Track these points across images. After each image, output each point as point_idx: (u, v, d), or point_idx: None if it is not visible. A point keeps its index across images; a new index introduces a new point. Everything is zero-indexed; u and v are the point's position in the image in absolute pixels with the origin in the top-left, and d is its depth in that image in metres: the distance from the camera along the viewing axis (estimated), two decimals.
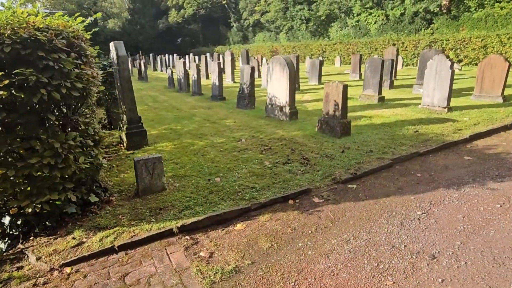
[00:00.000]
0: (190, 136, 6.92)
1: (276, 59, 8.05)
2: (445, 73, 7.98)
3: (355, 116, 8.11)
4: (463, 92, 11.47)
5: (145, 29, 57.90)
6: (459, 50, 21.96)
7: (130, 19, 60.52)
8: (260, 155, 5.55)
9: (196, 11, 52.78)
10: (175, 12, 51.54)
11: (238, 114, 9.04)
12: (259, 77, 18.69)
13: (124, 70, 6.00)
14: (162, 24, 58.30)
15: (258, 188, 4.33)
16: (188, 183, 4.54)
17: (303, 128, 7.20)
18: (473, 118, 7.48)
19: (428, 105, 8.48)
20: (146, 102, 12.00)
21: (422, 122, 7.29)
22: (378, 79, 9.74)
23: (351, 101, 10.14)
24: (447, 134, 6.40)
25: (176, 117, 8.95)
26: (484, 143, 6.14)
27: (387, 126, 7.06)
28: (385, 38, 26.71)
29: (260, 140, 6.41)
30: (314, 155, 5.48)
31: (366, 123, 7.39)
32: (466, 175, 4.78)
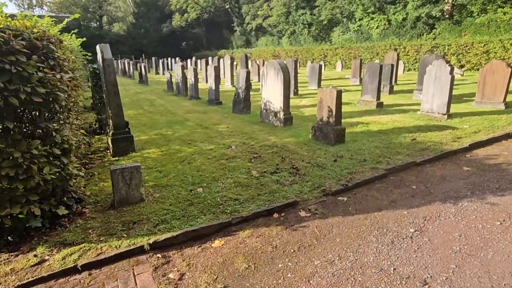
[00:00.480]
0: (180, 142, 6.65)
1: (271, 64, 7.77)
2: (444, 78, 7.67)
3: (351, 122, 7.81)
4: (464, 98, 11.13)
5: (149, 33, 57.96)
6: (461, 55, 21.60)
7: (135, 23, 60.65)
8: (249, 164, 5.26)
9: (200, 15, 52.78)
10: (179, 16, 51.56)
11: (232, 119, 8.76)
12: (259, 81, 18.43)
13: (110, 73, 5.75)
14: (166, 28, 58.37)
15: (242, 200, 4.04)
16: (169, 194, 4.25)
17: (296, 134, 6.90)
18: (473, 126, 7.15)
19: (427, 112, 8.16)
20: (142, 106, 11.76)
21: (420, 129, 6.97)
22: (377, 85, 9.44)
23: (349, 107, 9.85)
24: (445, 143, 6.08)
25: (169, 122, 8.69)
26: (485, 153, 5.81)
27: (383, 134, 6.75)
28: (387, 43, 26.40)
29: (251, 147, 6.13)
30: (304, 164, 5.18)
31: (362, 130, 7.08)
32: (464, 187, 4.46)
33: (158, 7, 60.45)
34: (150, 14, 58.85)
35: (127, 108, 11.47)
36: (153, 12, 59.15)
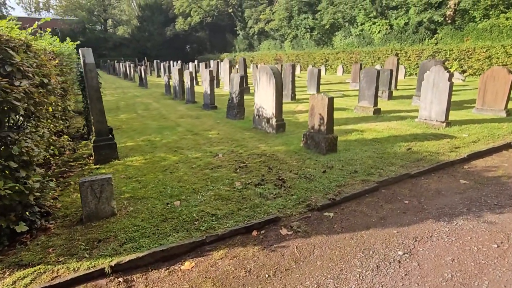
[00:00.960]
0: (166, 149, 6.37)
1: (263, 69, 7.49)
2: (443, 85, 7.34)
3: (346, 129, 7.50)
4: (465, 104, 10.78)
5: (153, 36, 58.03)
6: (463, 61, 21.20)
7: (139, 26, 60.77)
8: (233, 174, 4.96)
9: (203, 19, 52.69)
10: (182, 20, 51.53)
11: (225, 125, 8.47)
12: None
13: (92, 78, 5.49)
14: (169, 31, 58.41)
15: (220, 216, 3.74)
16: (144, 207, 3.96)
17: (288, 142, 6.60)
18: (473, 135, 6.81)
19: (425, 119, 7.83)
20: (137, 110, 11.51)
21: (417, 138, 6.63)
22: (374, 90, 9.12)
23: (345, 113, 9.54)
24: (442, 153, 5.75)
25: (159, 127, 8.42)
26: (484, 164, 5.47)
27: (378, 142, 6.43)
28: (388, 48, 26.06)
29: (238, 156, 5.83)
30: (292, 175, 4.87)
31: (356, 138, 6.77)
32: (460, 203, 4.13)
33: (162, 11, 60.56)
34: (154, 18, 58.93)
35: (121, 112, 11.24)
36: (157, 15, 59.24)
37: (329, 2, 36.12)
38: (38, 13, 78.18)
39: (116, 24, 67.08)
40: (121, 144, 6.79)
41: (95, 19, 59.76)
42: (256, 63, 39.84)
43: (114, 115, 10.54)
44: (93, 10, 59.54)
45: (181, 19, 51.65)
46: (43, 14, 75.92)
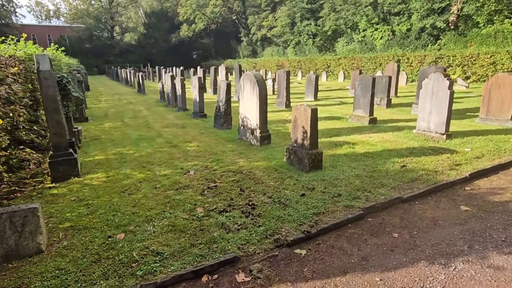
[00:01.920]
0: (135, 164, 5.69)
1: (247, 76, 6.80)
2: (442, 94, 6.58)
3: (337, 142, 6.76)
4: (468, 113, 9.98)
5: (159, 43, 57.90)
6: (466, 67, 20.33)
7: (145, 33, 60.73)
8: (199, 197, 4.26)
9: (207, 26, 52.39)
10: (186, 27, 51.28)
11: (208, 136, 7.79)
12: None
13: (48, 87, 4.84)
14: (175, 38, 58.23)
15: (167, 255, 3.03)
16: (80, 242, 3.28)
17: (271, 156, 5.88)
18: (476, 149, 6.03)
19: (424, 130, 7.06)
20: (124, 118, 10.88)
21: (413, 153, 5.87)
22: (369, 99, 8.37)
23: (340, 122, 8.80)
24: (441, 171, 4.98)
25: (139, 138, 7.77)
26: (489, 185, 4.70)
27: (370, 157, 5.68)
28: (390, 54, 25.26)
29: (212, 173, 5.13)
30: (265, 199, 4.15)
31: (346, 152, 6.02)
32: (460, 238, 3.38)
33: (168, 18, 60.47)
34: (160, 25, 58.84)
35: (108, 120, 10.63)
36: (162, 22, 59.14)
37: (331, 9, 35.47)
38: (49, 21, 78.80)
39: (123, 31, 67.19)
40: (89, 158, 6.14)
41: (102, 26, 59.83)
42: (259, 69, 39.28)
43: (99, 123, 9.93)
44: (100, 18, 59.63)
45: (185, 26, 51.40)
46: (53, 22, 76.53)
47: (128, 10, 66.40)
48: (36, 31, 58.15)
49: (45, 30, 59.98)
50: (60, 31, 57.29)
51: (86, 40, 55.65)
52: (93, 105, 14.78)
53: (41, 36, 58.09)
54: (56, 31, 58.08)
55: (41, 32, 58.70)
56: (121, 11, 64.82)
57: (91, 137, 8.11)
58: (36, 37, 57.87)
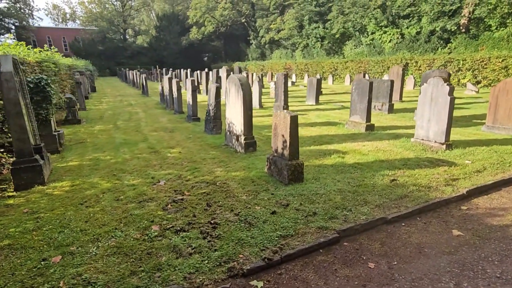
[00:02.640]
0: (106, 172, 5.30)
1: (231, 80, 6.36)
2: (442, 100, 6.01)
3: (327, 150, 6.25)
4: (475, 120, 9.31)
5: (170, 45, 58.03)
6: (477, 71, 19.46)
7: (157, 36, 60.97)
8: (159, 212, 3.82)
9: (216, 29, 52.20)
10: (196, 29, 51.21)
11: (194, 141, 7.37)
12: None
13: (10, 90, 4.49)
14: (185, 40, 58.28)
15: (99, 286, 2.60)
16: (10, 265, 2.87)
17: (252, 166, 5.41)
18: (478, 161, 5.43)
19: (422, 139, 6.49)
20: (117, 121, 10.57)
21: (407, 164, 5.32)
22: (366, 104, 7.82)
23: (335, 129, 8.28)
24: (435, 187, 4.43)
25: (123, 142, 7.40)
26: (488, 204, 4.13)
27: (358, 169, 5.16)
28: (398, 57, 24.50)
29: (183, 184, 4.69)
30: (231, 216, 3.69)
31: (334, 162, 5.51)
32: (447, 271, 2.85)
33: (179, 21, 60.59)
34: (171, 28, 58.99)
35: (102, 122, 10.33)
36: (174, 25, 59.28)
37: (339, 12, 34.81)
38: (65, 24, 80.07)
39: (136, 34, 67.71)
40: (63, 164, 5.78)
41: (115, 28, 60.35)
42: (267, 71, 38.81)
43: (90, 126, 9.63)
44: (113, 21, 60.18)
45: (195, 28, 51.34)
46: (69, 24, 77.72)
47: (140, 13, 66.91)
48: (51, 33, 59.06)
49: (60, 32, 60.84)
50: (74, 34, 57.98)
51: (99, 42, 56.16)
52: (93, 107, 14.57)
53: (56, 38, 58.93)
54: (71, 34, 58.82)
55: (56, 34, 59.56)
56: (133, 14, 65.35)
57: (76, 140, 7.79)
58: (52, 39, 58.78)
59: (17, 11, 53.90)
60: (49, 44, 59.85)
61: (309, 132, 8.03)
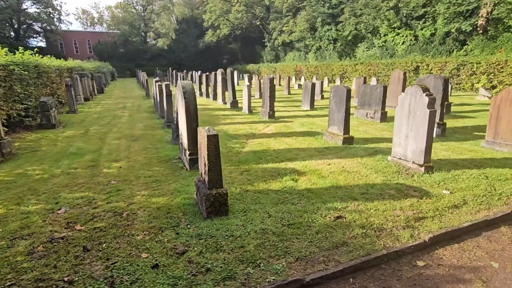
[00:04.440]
0: (14, 193, 4.47)
1: (178, 87, 5.43)
2: (421, 113, 4.82)
3: (283, 170, 5.20)
4: (476, 132, 7.95)
5: (187, 48, 57.91)
6: (492, 75, 17.60)
7: (176, 39, 61.04)
8: (19, 258, 2.92)
9: (232, 32, 51.49)
10: (211, 32, 50.72)
11: (148, 153, 6.50)
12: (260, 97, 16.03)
13: None
14: (202, 43, 57.98)
15: None
16: None
17: (184, 189, 4.46)
18: (459, 191, 4.24)
19: (400, 158, 5.31)
20: (93, 126, 9.86)
21: (367, 193, 4.20)
22: (343, 114, 6.68)
23: (310, 140, 7.19)
24: (389, 230, 3.32)
25: (72, 153, 6.62)
26: (456, 259, 2.99)
27: (305, 198, 4.10)
28: (408, 59, 22.80)
29: (85, 214, 3.79)
30: (99, 270, 2.74)
31: (282, 188, 4.46)
32: None
33: (197, 24, 60.37)
34: (190, 31, 58.84)
35: (76, 128, 9.66)
36: (192, 28, 59.11)
37: (351, 13, 33.18)
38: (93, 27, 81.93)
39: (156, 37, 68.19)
40: None
41: (136, 32, 60.89)
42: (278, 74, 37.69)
43: (61, 132, 8.97)
44: (134, 24, 60.75)
45: (210, 31, 50.86)
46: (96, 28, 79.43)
47: (161, 17, 67.23)
48: (77, 36, 60.36)
49: (85, 35, 62.09)
50: (98, 37, 58.91)
51: (121, 45, 56.80)
52: (87, 109, 14.05)
53: (81, 41, 60.23)
54: (95, 37, 59.84)
55: (82, 37, 60.83)
56: (154, 18, 65.77)
57: (32, 148, 7.11)
58: (77, 42, 60.15)
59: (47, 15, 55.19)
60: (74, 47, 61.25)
61: (279, 144, 6.98)
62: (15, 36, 48.56)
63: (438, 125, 7.60)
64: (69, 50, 58.20)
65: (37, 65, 10.65)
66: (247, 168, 5.31)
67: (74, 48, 59.92)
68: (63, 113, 12.42)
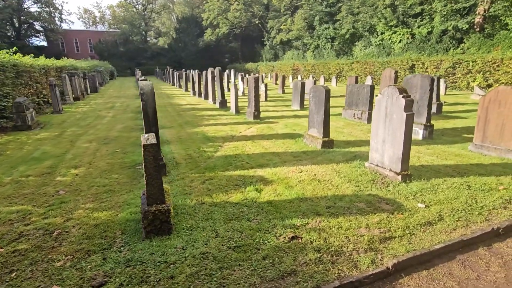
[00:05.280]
0: None
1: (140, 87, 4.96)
2: (397, 117, 4.33)
3: (250, 178, 4.72)
4: (466, 134, 7.44)
5: (188, 47, 57.34)
6: (488, 73, 17.01)
7: (176, 38, 60.48)
8: None
9: (231, 30, 50.87)
10: (210, 31, 50.13)
11: (114, 158, 6.03)
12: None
13: None
14: (202, 42, 57.40)
15: None
16: None
17: (134, 201, 4.00)
18: (436, 204, 3.74)
19: (377, 165, 4.82)
20: (71, 127, 9.38)
21: (334, 207, 3.71)
22: (322, 116, 6.18)
23: (290, 143, 6.72)
24: (348, 254, 2.84)
25: (34, 157, 6.14)
26: None
27: (264, 212, 3.62)
28: (404, 58, 22.20)
29: (13, 232, 3.32)
30: None
31: (242, 199, 3.99)
32: None
33: (197, 24, 59.77)
34: (190, 30, 58.23)
35: (54, 129, 9.20)
36: (192, 27, 58.50)
37: (348, 11, 32.52)
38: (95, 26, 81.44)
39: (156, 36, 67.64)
40: None
41: (136, 31, 60.35)
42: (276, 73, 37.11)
43: (36, 133, 8.51)
44: (135, 23, 60.21)
45: (209, 30, 50.27)
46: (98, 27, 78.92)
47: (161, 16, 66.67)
48: (78, 36, 59.90)
49: (86, 35, 61.64)
50: (99, 36, 58.45)
51: (121, 44, 56.31)
52: (73, 109, 13.59)
53: (82, 40, 59.77)
54: (96, 36, 59.38)
55: (83, 37, 60.38)
56: (154, 17, 65.20)
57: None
58: (78, 41, 59.70)
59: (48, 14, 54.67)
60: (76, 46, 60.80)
61: (256, 148, 6.50)
62: (15, 35, 48.14)
63: (425, 127, 7.09)
64: (70, 49, 57.80)
65: (16, 65, 10.19)
66: (212, 175, 4.84)
67: (75, 47, 59.48)
68: (48, 113, 11.98)
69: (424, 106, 7.09)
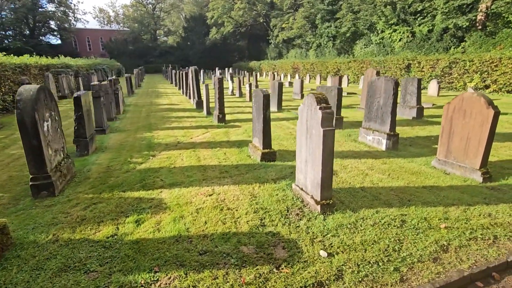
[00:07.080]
0: None
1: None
2: (316, 133, 3.33)
3: (147, 200, 3.81)
4: (436, 145, 6.29)
5: (195, 45, 56.58)
6: (486, 74, 15.53)
7: (184, 36, 59.78)
8: None
9: (236, 29, 49.76)
10: (215, 30, 49.15)
11: (16, 170, 5.24)
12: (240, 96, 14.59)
13: None
14: (208, 40, 56.55)
15: None
16: None
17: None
18: (345, 251, 2.75)
19: (302, 189, 3.84)
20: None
21: (212, 252, 2.76)
22: (262, 125, 5.21)
23: (234, 153, 5.77)
24: None
25: None
26: None
27: (118, 259, 2.71)
28: (400, 57, 20.77)
29: None
30: None
31: (107, 236, 3.08)
32: None
33: (204, 22, 58.90)
34: (197, 29, 57.41)
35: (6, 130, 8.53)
36: (199, 26, 57.65)
37: (349, 10, 30.98)
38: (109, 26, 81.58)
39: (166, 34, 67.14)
40: None
41: (145, 29, 59.92)
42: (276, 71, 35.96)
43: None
44: (144, 22, 59.76)
45: (214, 29, 49.30)
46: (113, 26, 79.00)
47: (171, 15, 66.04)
48: (90, 34, 59.93)
49: (98, 33, 61.62)
50: (110, 35, 58.32)
51: (131, 42, 55.99)
52: None
53: (94, 39, 59.77)
54: (107, 35, 59.29)
55: (95, 35, 60.37)
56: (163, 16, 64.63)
57: None
58: (90, 40, 59.73)
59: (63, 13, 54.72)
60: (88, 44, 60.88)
61: (189, 159, 5.57)
62: (29, 34, 48.34)
63: (388, 137, 6.03)
64: (82, 48, 57.90)
65: None
66: (106, 197, 3.96)
67: (88, 45, 59.57)
68: None
69: (388, 113, 6.02)
